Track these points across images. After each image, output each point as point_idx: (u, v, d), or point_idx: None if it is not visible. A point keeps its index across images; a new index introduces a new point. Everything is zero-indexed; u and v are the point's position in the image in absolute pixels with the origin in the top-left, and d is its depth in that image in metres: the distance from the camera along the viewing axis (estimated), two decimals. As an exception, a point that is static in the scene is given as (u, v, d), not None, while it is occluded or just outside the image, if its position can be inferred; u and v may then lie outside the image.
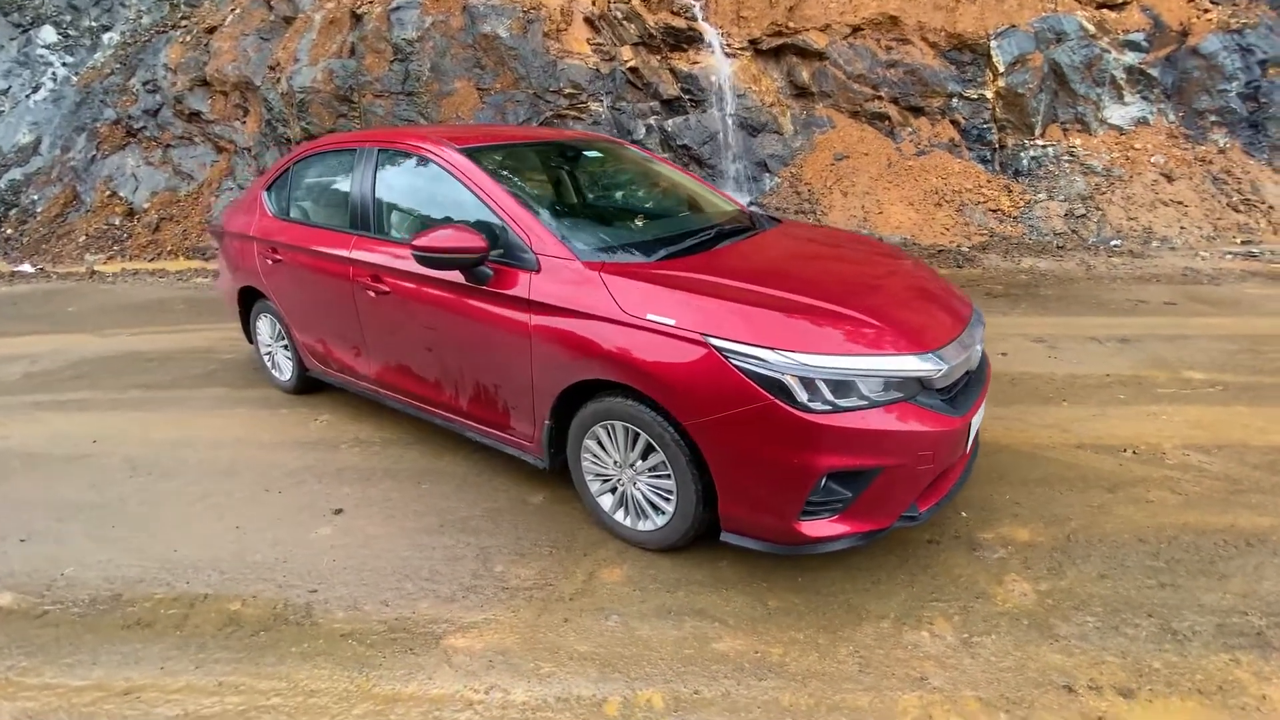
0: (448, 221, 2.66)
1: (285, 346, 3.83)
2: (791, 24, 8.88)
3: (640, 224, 2.89)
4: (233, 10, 10.02)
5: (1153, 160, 8.01)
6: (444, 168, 2.72)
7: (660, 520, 2.31)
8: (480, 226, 2.50)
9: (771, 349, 1.92)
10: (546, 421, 2.49)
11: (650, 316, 2.10)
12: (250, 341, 4.19)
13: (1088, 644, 1.92)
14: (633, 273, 2.26)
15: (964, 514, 2.52)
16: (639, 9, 8.91)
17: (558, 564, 2.36)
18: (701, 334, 2.01)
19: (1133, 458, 2.89)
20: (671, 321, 2.06)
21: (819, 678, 1.84)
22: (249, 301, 3.99)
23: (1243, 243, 6.86)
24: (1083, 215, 7.68)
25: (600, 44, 8.94)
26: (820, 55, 8.80)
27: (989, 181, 8.31)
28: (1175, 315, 4.75)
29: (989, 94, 8.49)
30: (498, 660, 1.94)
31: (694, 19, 8.97)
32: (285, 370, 3.91)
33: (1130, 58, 8.23)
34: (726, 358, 1.96)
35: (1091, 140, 8.35)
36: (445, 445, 3.23)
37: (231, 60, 9.67)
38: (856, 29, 8.85)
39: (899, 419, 1.96)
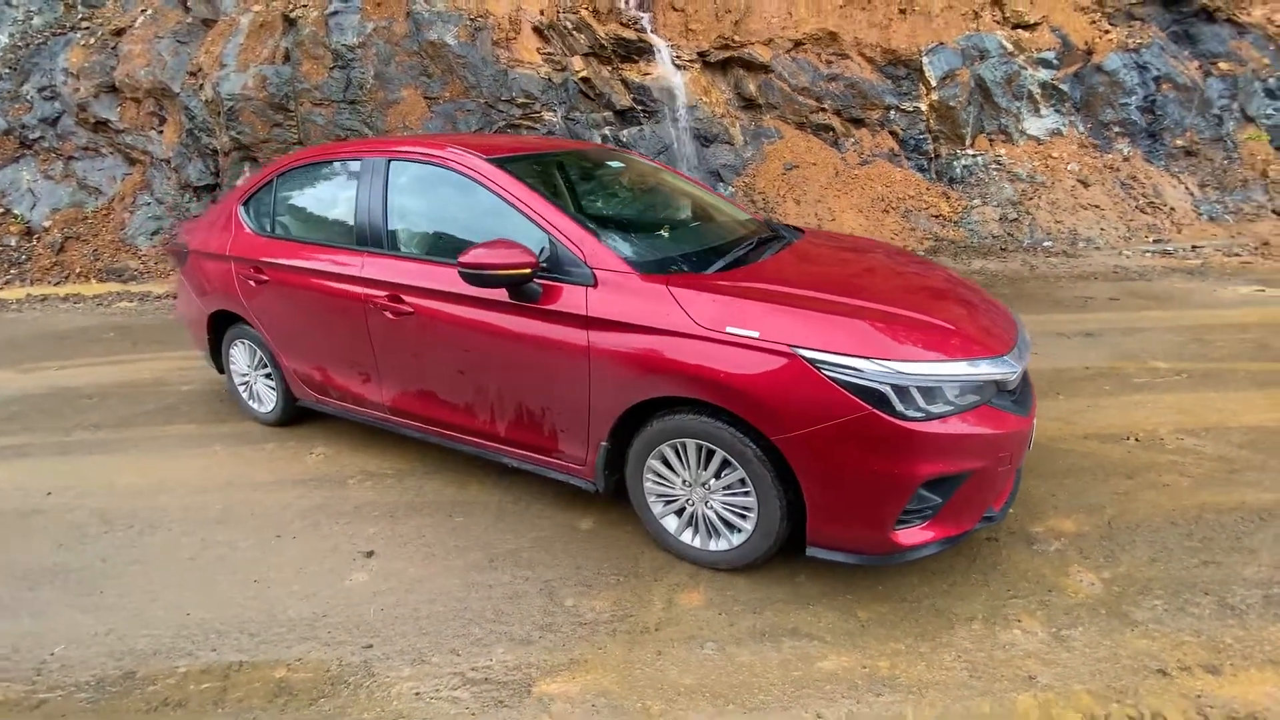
0: (477, 236, 2.51)
1: (267, 375, 3.51)
2: (737, 37, 9.08)
3: (675, 235, 2.83)
4: (143, 11, 9.21)
5: (1069, 168, 8.70)
6: (474, 179, 2.56)
7: (736, 539, 2.24)
8: (523, 241, 2.36)
9: (866, 358, 1.91)
10: (603, 443, 2.38)
11: (731, 329, 2.04)
12: (220, 371, 3.81)
13: (1163, 626, 2.01)
14: (701, 285, 2.20)
15: (1011, 510, 2.60)
16: (589, 19, 8.86)
17: (630, 592, 2.25)
18: (789, 345, 1.97)
19: (1136, 445, 3.09)
20: (755, 334, 2.01)
21: (934, 687, 1.83)
22: (220, 327, 3.62)
23: (1154, 241, 7.56)
24: (1015, 219, 8.24)
25: (551, 53, 8.82)
26: (765, 68, 9.04)
27: (928, 189, 8.78)
28: (1123, 310, 5.15)
29: (923, 106, 8.98)
30: (601, 704, 1.82)
31: (643, 30, 9.01)
32: (267, 401, 3.57)
33: (1044, 74, 8.92)
34: (818, 369, 1.93)
35: (1015, 150, 8.98)
36: (468, 473, 3.04)
37: (144, 64, 8.88)
38: (798, 43, 9.15)
39: (982, 422, 2.00)
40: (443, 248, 2.67)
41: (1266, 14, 8.44)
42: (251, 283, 3.23)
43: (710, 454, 2.19)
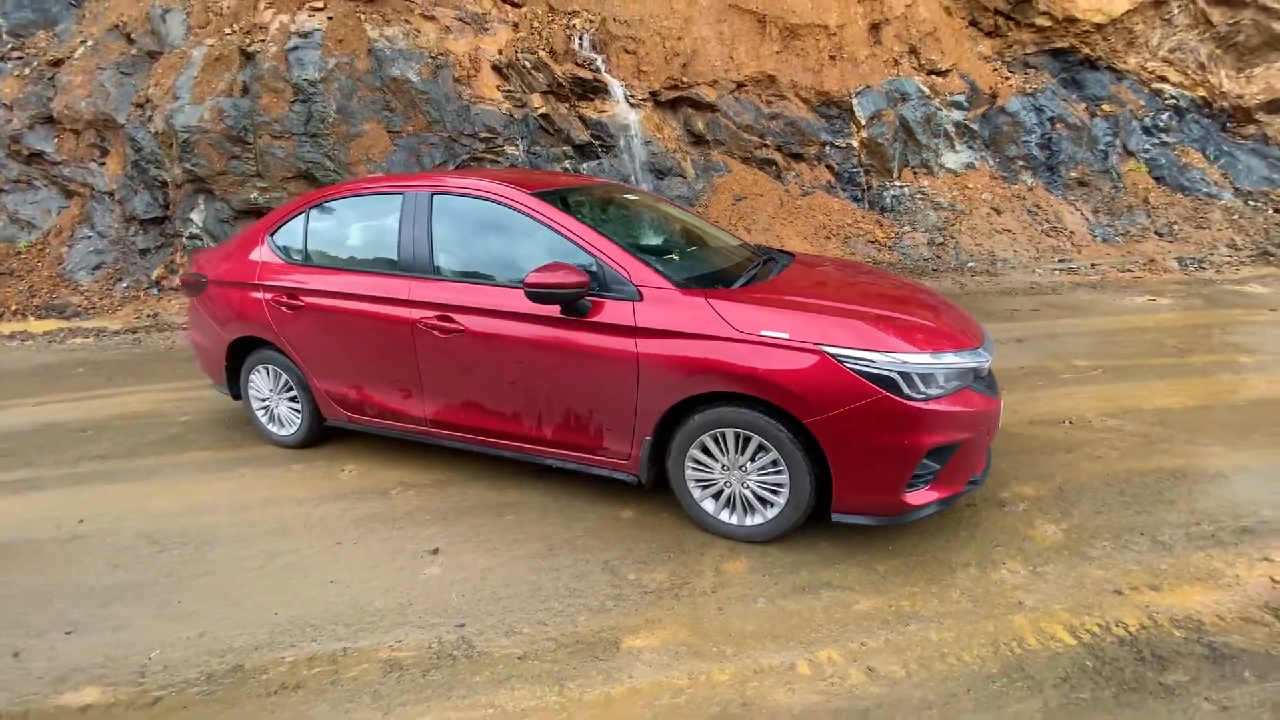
0: (523, 261, 2.84)
1: (292, 398, 3.64)
2: (685, 79, 9.75)
3: (694, 256, 3.24)
4: (83, 42, 8.99)
5: (983, 197, 9.77)
6: (521, 211, 2.89)
7: (771, 513, 2.62)
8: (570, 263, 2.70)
9: (878, 352, 2.36)
10: (648, 439, 2.72)
11: (764, 332, 2.45)
12: (235, 398, 3.89)
13: (1113, 560, 2.52)
14: (733, 297, 2.61)
15: (985, 479, 3.10)
16: (546, 60, 9.33)
17: (682, 565, 2.58)
18: (815, 344, 2.39)
19: (1071, 427, 3.70)
20: (786, 335, 2.43)
21: (948, 616, 2.25)
22: (240, 355, 3.73)
23: (1060, 260, 8.61)
24: (941, 243, 9.16)
25: (511, 91, 9.21)
26: (712, 107, 9.73)
27: (863, 217, 9.63)
28: (1044, 320, 5.94)
29: (855, 143, 9.89)
30: (683, 651, 2.14)
31: (598, 71, 9.55)
32: (290, 424, 3.69)
33: (957, 115, 10.03)
34: (841, 362, 2.36)
35: (936, 181, 9.99)
36: (504, 478, 3.29)
37: (85, 95, 8.66)
38: (740, 85, 9.92)
39: (966, 402, 2.47)
40: (491, 272, 2.98)
41: (1140, 62, 9.86)
42: (284, 309, 3.40)
43: (747, 440, 2.57)
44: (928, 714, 1.87)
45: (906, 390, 2.34)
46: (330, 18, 8.71)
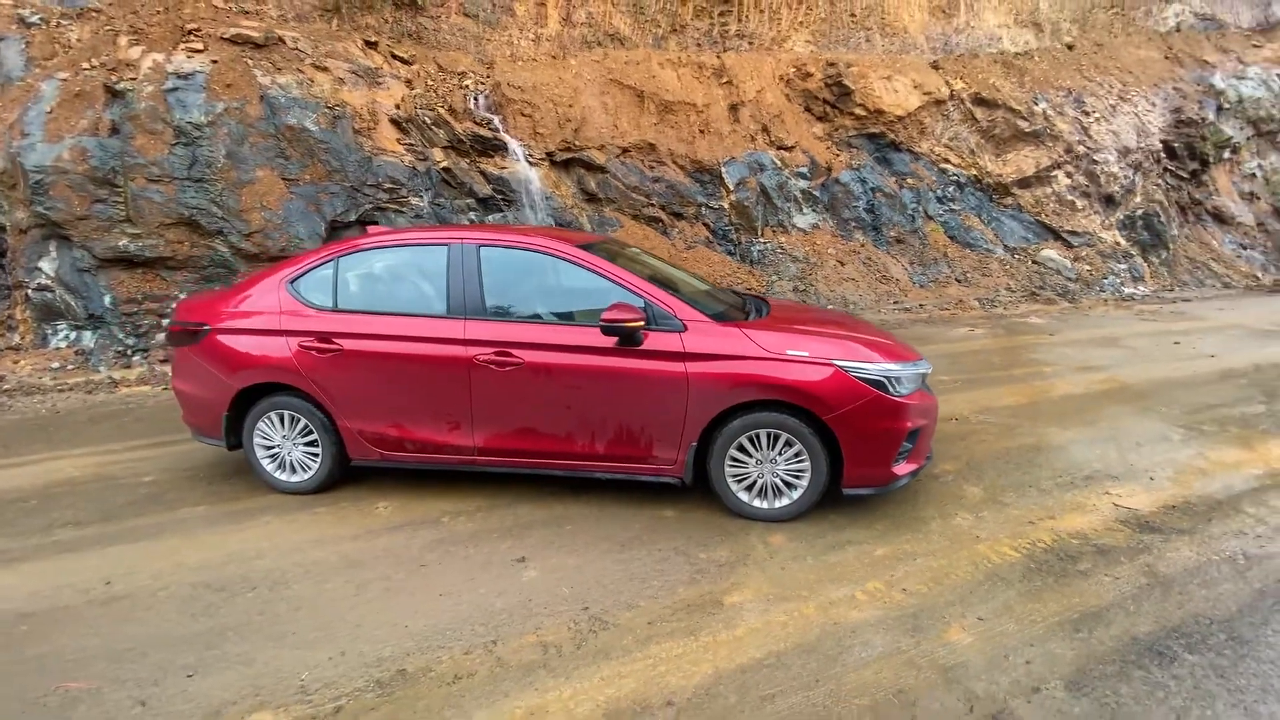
0: (573, 303, 3.36)
1: (311, 442, 3.68)
2: (577, 142, 10.64)
3: (700, 296, 3.91)
4: (-114, 65, 7.68)
5: (829, 251, 11.68)
6: (571, 261, 3.41)
7: (795, 494, 3.33)
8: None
9: (870, 363, 3.21)
10: (693, 444, 3.32)
11: (789, 352, 3.21)
12: (231, 449, 3.78)
13: (1020, 504, 3.57)
14: (757, 326, 3.34)
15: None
16: (446, 117, 9.71)
17: (736, 543, 3.17)
18: (828, 359, 3.20)
19: (957, 422, 4.90)
20: (806, 354, 3.20)
21: (937, 552, 3.09)
22: (244, 404, 3.69)
23: (894, 303, 10.58)
24: (804, 290, 10.79)
25: (412, 144, 9.42)
26: (602, 169, 10.69)
27: (739, 268, 11.03)
28: (902, 347, 7.45)
29: (726, 205, 11.36)
30: (772, 597, 2.73)
31: (497, 130, 10.10)
32: (305, 469, 3.71)
33: (803, 184, 11.94)
34: (847, 372, 3.18)
35: (791, 238, 11.75)
36: (544, 498, 3.64)
37: (-109, 126, 7.39)
38: (625, 150, 11.01)
39: (923, 399, 3.41)
40: (542, 312, 3.43)
41: (930, 147, 12.52)
42: (315, 353, 3.51)
43: (776, 437, 3.27)
44: (953, 609, 2.66)
45: (891, 390, 3.22)
46: (214, 61, 8.39)
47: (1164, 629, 2.53)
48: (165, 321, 7.59)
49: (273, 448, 3.74)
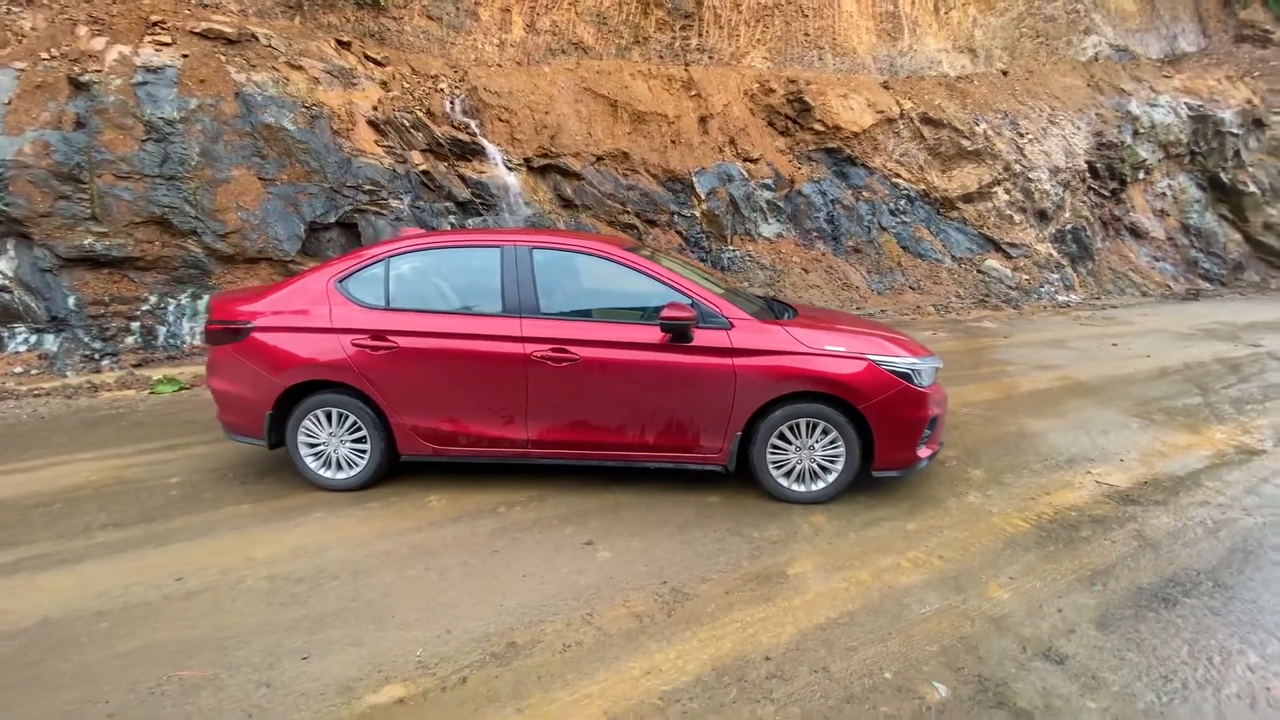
0: (625, 302, 3.58)
1: (360, 439, 3.73)
2: (554, 149, 10.80)
3: (734, 296, 4.17)
4: None
5: (794, 260, 12.23)
6: (622, 264, 3.62)
7: (830, 478, 3.64)
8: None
9: (898, 358, 3.57)
10: (738, 434, 3.58)
11: (828, 347, 3.52)
12: (272, 447, 3.78)
13: (1018, 483, 4.01)
14: (796, 324, 3.64)
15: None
16: (425, 120, 9.69)
17: (783, 523, 3.45)
18: (861, 354, 3.53)
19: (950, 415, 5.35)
20: (842, 349, 3.53)
21: (960, 525, 3.47)
22: (288, 402, 3.71)
23: (856, 309, 11.20)
24: (772, 296, 11.27)
25: (391, 146, 9.36)
26: (578, 176, 10.88)
27: (710, 274, 11.41)
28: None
29: (697, 213, 11.74)
30: (829, 567, 3.02)
31: (475, 135, 10.14)
32: (352, 465, 3.75)
33: (768, 195, 12.48)
34: (879, 365, 3.52)
35: (758, 246, 12.24)
36: (593, 488, 3.81)
37: None
38: (600, 158, 11.24)
39: (938, 390, 3.80)
40: (595, 311, 3.63)
41: (883, 162, 13.30)
42: (368, 350, 3.58)
43: (814, 425, 3.58)
44: (986, 572, 3.02)
45: (915, 381, 3.58)
46: (185, 55, 8.13)
47: (1162, 580, 2.96)
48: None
49: (317, 445, 3.76)
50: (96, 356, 7.03)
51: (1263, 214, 14.88)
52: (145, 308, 7.50)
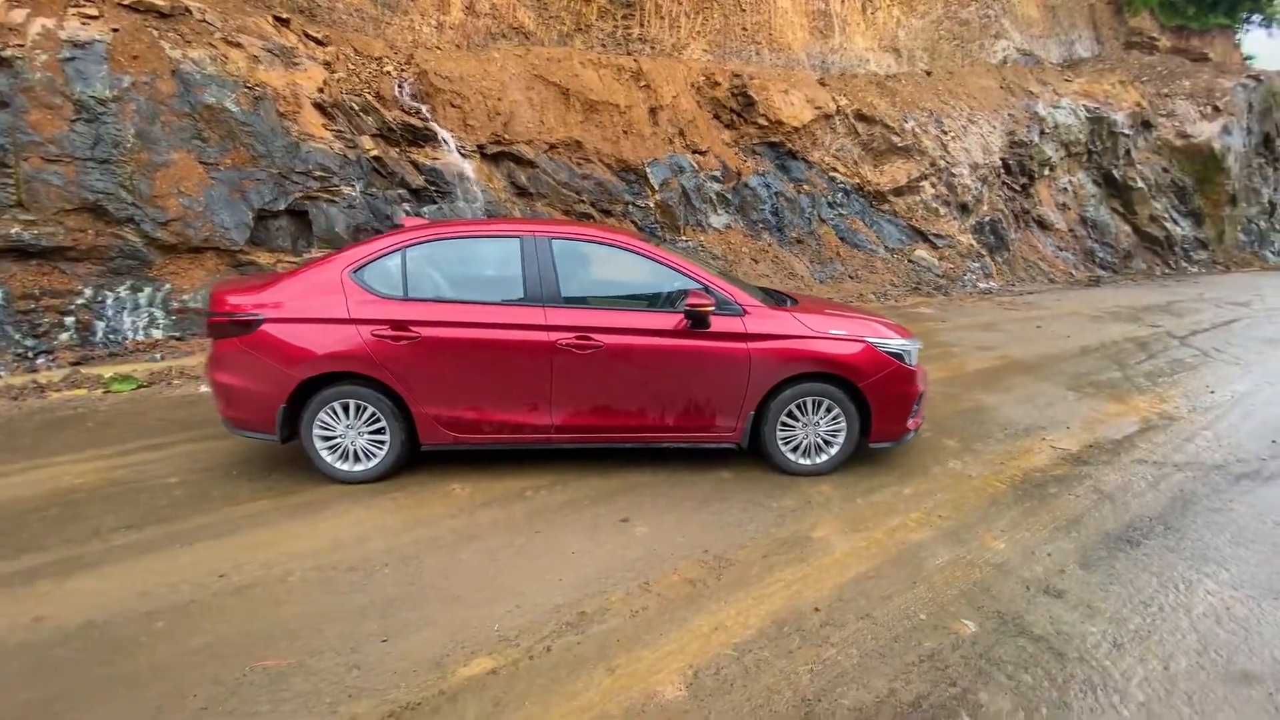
0: (644, 290, 3.75)
1: (378, 430, 3.71)
2: (507, 136, 10.72)
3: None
4: None
5: (743, 250, 12.67)
6: (641, 254, 3.78)
7: (833, 451, 3.96)
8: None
9: (891, 340, 3.92)
10: (751, 413, 3.84)
11: (831, 331, 3.83)
12: (284, 441, 3.70)
13: (989, 450, 4.49)
14: (802, 310, 3.93)
15: (899, 425, 4.91)
16: (374, 104, 9.40)
17: (797, 494, 3.74)
18: (860, 336, 3.86)
19: (908, 393, 5.84)
20: (844, 332, 3.84)
21: (948, 488, 3.87)
22: (302, 395, 3.64)
23: (804, 296, 11.76)
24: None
25: (340, 130, 9.03)
26: (532, 164, 10.85)
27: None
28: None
29: (651, 204, 11.95)
30: (847, 530, 3.33)
31: (427, 120, 9.92)
32: (370, 457, 3.73)
33: (717, 186, 12.84)
34: (875, 347, 3.86)
35: (709, 237, 12.60)
36: (609, 470, 3.96)
37: None
38: (553, 146, 11.24)
39: (921, 369, 4.19)
40: (617, 299, 3.77)
41: (821, 156, 13.93)
42: (389, 340, 3.57)
43: (819, 403, 3.88)
44: (980, 526, 3.42)
45: (906, 360, 3.95)
46: (115, 29, 7.54)
47: (1123, 526, 3.46)
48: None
49: (333, 438, 3.72)
50: (30, 355, 6.48)
51: (1149, 207, 16.66)
52: (80, 301, 6.96)
